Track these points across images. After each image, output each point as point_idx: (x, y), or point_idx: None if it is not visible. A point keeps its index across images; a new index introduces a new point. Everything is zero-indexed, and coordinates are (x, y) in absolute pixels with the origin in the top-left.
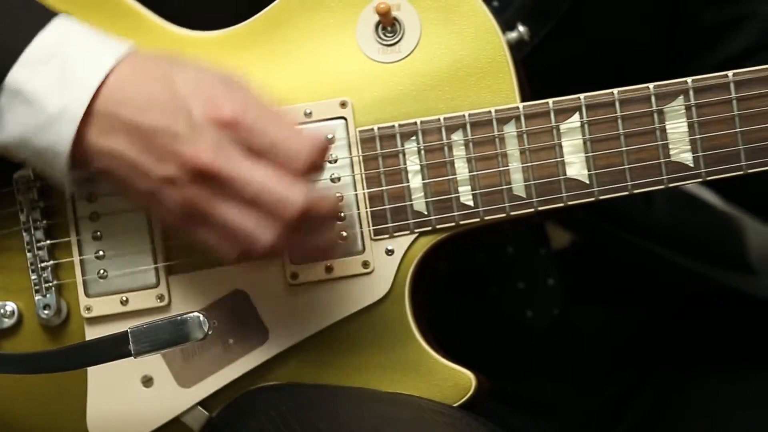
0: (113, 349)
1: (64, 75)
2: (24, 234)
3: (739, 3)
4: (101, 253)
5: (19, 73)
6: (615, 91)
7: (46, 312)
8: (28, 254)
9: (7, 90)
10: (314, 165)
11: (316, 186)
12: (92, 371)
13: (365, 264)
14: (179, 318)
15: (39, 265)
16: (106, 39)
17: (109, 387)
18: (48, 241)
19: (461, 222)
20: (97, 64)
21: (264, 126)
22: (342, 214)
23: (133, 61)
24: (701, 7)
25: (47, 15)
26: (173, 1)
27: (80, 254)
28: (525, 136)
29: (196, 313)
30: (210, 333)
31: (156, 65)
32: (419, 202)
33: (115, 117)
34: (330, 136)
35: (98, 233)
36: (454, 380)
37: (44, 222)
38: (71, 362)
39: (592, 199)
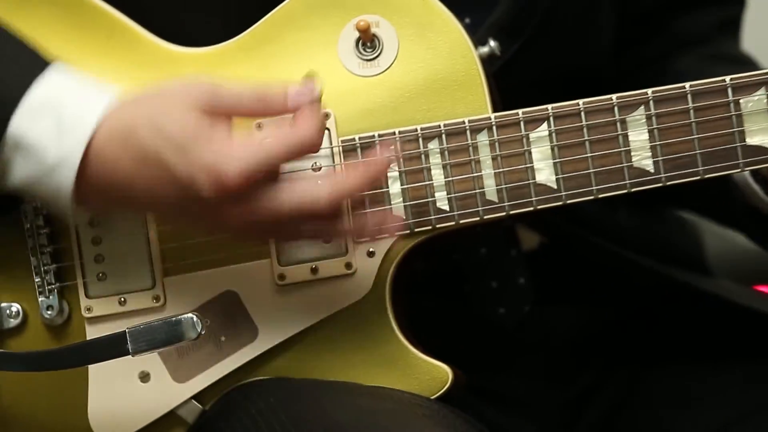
0: (112, 347)
1: (61, 124)
2: (28, 239)
3: (654, 19)
4: (100, 256)
5: (18, 123)
6: (580, 101)
7: (49, 312)
8: (32, 259)
9: (9, 141)
10: (320, 140)
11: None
12: (93, 368)
13: (348, 265)
14: (174, 319)
15: (42, 269)
16: (99, 85)
17: (108, 382)
18: (51, 246)
19: (438, 225)
20: (91, 111)
21: (269, 154)
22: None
23: (123, 109)
24: (627, 25)
25: (41, 63)
26: (167, 20)
27: (80, 258)
28: (497, 144)
29: (189, 314)
30: (203, 333)
31: (141, 117)
32: (398, 207)
33: (115, 162)
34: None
35: (97, 238)
36: (432, 374)
37: (47, 228)
38: (73, 360)
39: (560, 203)
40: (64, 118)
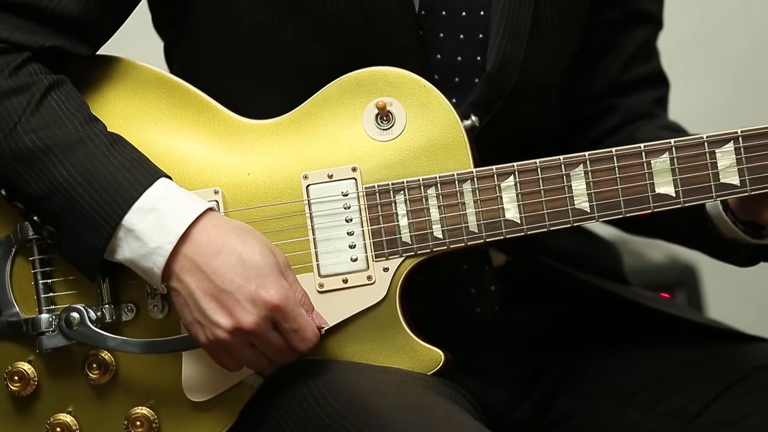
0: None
1: (161, 223)
2: None
3: (607, 100)
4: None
5: (131, 217)
6: (537, 161)
7: (154, 310)
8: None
9: (123, 227)
10: (310, 348)
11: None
12: None
13: (369, 277)
14: None
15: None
16: (192, 198)
17: (197, 356)
18: None
19: (434, 249)
20: (183, 218)
21: (294, 316)
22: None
23: (211, 220)
24: (583, 104)
25: (154, 175)
26: (239, 100)
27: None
28: (477, 191)
29: None
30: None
31: (228, 228)
32: (406, 236)
33: (193, 261)
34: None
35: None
36: (429, 356)
37: None
38: (170, 348)
39: (522, 233)
40: (164, 219)
